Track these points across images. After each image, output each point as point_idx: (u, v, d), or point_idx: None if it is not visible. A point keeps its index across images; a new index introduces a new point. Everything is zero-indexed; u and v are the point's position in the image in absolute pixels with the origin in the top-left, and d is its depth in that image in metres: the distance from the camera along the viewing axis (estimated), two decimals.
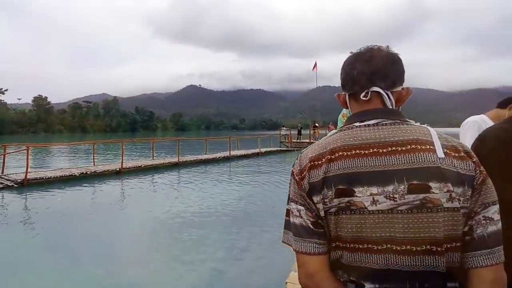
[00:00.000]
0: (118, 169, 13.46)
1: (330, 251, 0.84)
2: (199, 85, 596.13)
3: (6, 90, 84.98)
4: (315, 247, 0.83)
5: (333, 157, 0.81)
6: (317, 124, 30.96)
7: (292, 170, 0.89)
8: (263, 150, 23.89)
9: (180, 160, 16.63)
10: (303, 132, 31.71)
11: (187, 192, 10.32)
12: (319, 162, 0.82)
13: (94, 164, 14.56)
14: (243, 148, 25.89)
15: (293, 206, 0.87)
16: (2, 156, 12.30)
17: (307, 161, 0.85)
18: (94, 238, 6.10)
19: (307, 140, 29.48)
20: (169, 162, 16.08)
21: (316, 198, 0.82)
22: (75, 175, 12.02)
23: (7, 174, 11.45)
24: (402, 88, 0.87)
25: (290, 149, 27.80)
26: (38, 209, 8.24)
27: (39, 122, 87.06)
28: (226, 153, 20.48)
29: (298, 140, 30.24)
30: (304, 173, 0.84)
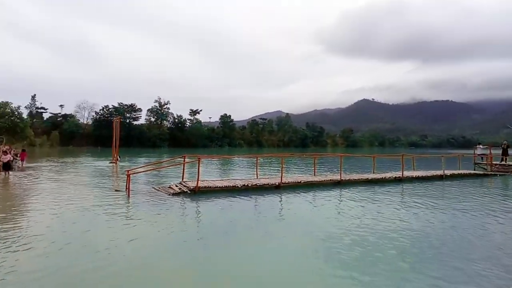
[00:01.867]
0: (277, 184, 13.74)
1: None
2: (372, 99, 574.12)
3: (200, 111, 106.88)
4: None
5: None
6: None
7: None
8: (448, 172, 19.79)
9: (342, 178, 15.63)
10: (510, 151, 24.69)
11: (347, 210, 10.05)
12: None
13: (257, 177, 15.42)
14: (421, 168, 22.36)
15: None
16: (182, 165, 14.57)
17: None
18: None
19: None
20: (330, 180, 15.36)
21: None
22: (237, 186, 12.94)
23: (185, 181, 13.38)
24: None
25: (489, 173, 22.05)
26: (203, 213, 9.38)
27: (224, 137, 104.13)
28: (398, 173, 18.03)
29: (503, 162, 23.67)
30: None
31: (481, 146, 26.40)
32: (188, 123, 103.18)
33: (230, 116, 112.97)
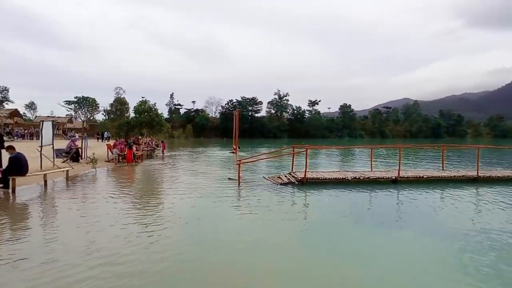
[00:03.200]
0: (394, 178, 12.28)
1: None
2: None
3: (319, 101, 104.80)
4: None
5: None
6: None
7: None
8: None
9: (480, 174, 12.92)
10: None
11: (482, 212, 8.36)
12: None
13: (371, 169, 14.13)
14: None
15: None
16: (292, 156, 14.37)
17: None
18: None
19: None
20: (463, 176, 12.88)
21: None
22: (347, 178, 12.09)
23: (295, 172, 13.19)
24: None
25: None
26: (311, 204, 9.08)
27: (344, 128, 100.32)
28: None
29: None
30: None
31: None
32: (307, 114, 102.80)
33: (350, 105, 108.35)
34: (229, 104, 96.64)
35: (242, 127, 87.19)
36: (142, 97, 47.83)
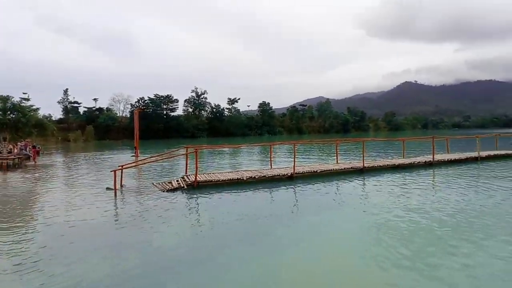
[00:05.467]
0: (290, 174, 12.44)
1: None
2: (415, 81, 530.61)
3: (239, 99, 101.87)
4: None
5: None
6: None
7: None
8: (484, 154, 17.07)
9: (366, 165, 13.98)
10: None
11: (369, 201, 8.86)
12: None
13: (271, 167, 14.18)
14: (456, 151, 19.66)
15: None
16: (195, 157, 12.23)
17: None
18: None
19: None
20: (351, 168, 13.80)
21: None
22: (243, 179, 11.64)
23: (189, 175, 11.87)
24: None
25: None
26: (192, 211, 8.31)
27: (263, 125, 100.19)
28: (429, 157, 15.85)
29: None
30: None
31: None
32: (227, 112, 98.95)
33: (269, 103, 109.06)
34: (140, 102, 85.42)
35: (157, 126, 77.14)
36: (24, 93, 35.75)
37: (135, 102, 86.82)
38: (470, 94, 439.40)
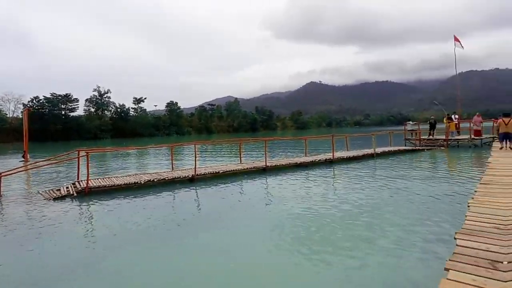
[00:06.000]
0: (191, 176, 11.90)
1: None
2: (320, 81, 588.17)
3: (145, 99, 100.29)
4: None
5: None
6: (455, 116, 24.01)
7: None
8: (380, 150, 19.35)
9: (268, 164, 14.19)
10: (438, 126, 25.17)
11: (273, 199, 9.18)
12: None
13: (172, 168, 13.44)
14: (356, 147, 21.84)
15: None
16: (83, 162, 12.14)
17: None
18: None
19: (443, 137, 23.04)
20: (254, 168, 13.82)
21: None
22: (140, 182, 10.88)
23: (81, 181, 11.05)
24: None
25: (418, 148, 22.13)
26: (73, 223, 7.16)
27: (171, 125, 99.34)
28: (329, 155, 17.08)
29: (431, 137, 24.00)
30: None
31: (410, 122, 26.79)
32: (132, 112, 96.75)
33: (176, 103, 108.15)
34: (35, 101, 79.49)
35: (55, 128, 74.45)
36: None
37: (28, 101, 79.69)
38: (369, 94, 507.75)
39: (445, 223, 6.30)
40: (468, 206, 5.77)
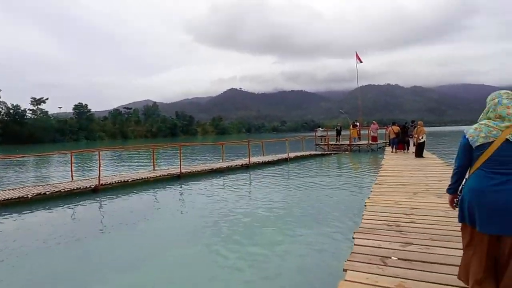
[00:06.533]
0: (95, 186, 10.67)
1: None
2: (240, 88, 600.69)
3: (47, 99, 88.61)
4: None
5: None
6: (357, 123, 26.59)
7: None
8: (293, 155, 20.25)
9: (183, 171, 13.60)
10: (343, 132, 27.49)
11: (188, 208, 8.78)
12: None
13: (72, 179, 11.90)
14: (272, 152, 22.50)
15: None
16: None
17: None
18: None
19: (347, 142, 25.23)
20: (168, 175, 13.11)
21: None
22: (27, 197, 9.18)
23: None
24: None
25: (327, 152, 23.81)
26: None
27: (80, 130, 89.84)
28: (245, 160, 17.20)
29: (337, 142, 26.10)
30: None
31: (320, 129, 28.81)
32: (30, 114, 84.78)
33: (86, 105, 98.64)
34: None
35: None
36: None
37: None
38: (285, 101, 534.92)
39: (350, 221, 6.69)
40: (365, 205, 6.23)
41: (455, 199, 2.64)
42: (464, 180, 2.53)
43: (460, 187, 2.57)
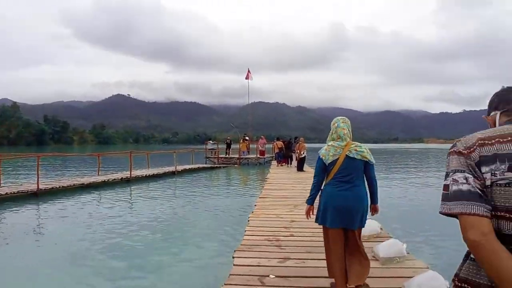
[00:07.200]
0: None
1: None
2: (128, 95, 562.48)
3: None
4: (485, 210, 0.97)
5: (503, 140, 1.02)
6: (247, 138, 27.58)
7: (454, 150, 1.09)
8: (181, 168, 19.53)
9: (41, 188, 11.30)
10: (233, 146, 28.07)
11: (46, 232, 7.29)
12: (491, 142, 1.03)
13: None
14: (159, 165, 21.28)
15: (458, 175, 1.03)
16: None
17: (476, 140, 1.05)
18: None
19: (236, 156, 25.80)
20: (20, 192, 10.79)
21: (485, 169, 1.00)
22: None
23: None
24: None
25: (217, 165, 23.82)
26: None
27: None
28: (126, 174, 15.73)
29: (227, 156, 26.43)
30: (474, 147, 1.04)
31: (211, 142, 28.80)
32: None
33: None
34: None
35: None
36: None
37: None
38: (178, 112, 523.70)
39: (235, 238, 6.35)
40: (248, 221, 6.16)
41: (311, 210, 3.26)
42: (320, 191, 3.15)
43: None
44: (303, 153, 15.46)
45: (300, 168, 15.42)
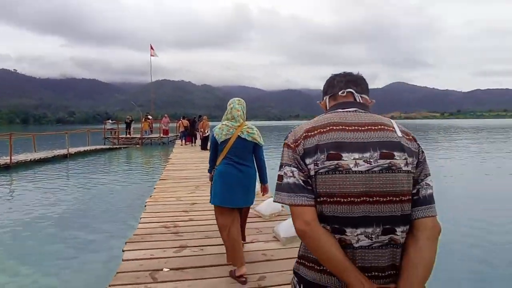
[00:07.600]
0: None
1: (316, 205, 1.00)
2: (15, 70, 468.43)
3: None
4: (307, 200, 1.00)
5: (324, 130, 1.03)
6: (149, 117, 25.60)
7: (286, 142, 1.09)
8: (74, 150, 17.02)
9: None
10: (135, 125, 25.77)
11: None
12: (313, 133, 1.03)
13: None
14: (49, 148, 18.15)
15: (287, 169, 1.04)
16: None
17: (303, 132, 1.05)
18: None
19: (138, 135, 23.76)
20: None
21: (308, 161, 1.01)
22: None
23: None
24: (368, 98, 1.17)
25: (116, 146, 21.52)
26: None
27: None
28: (6, 159, 12.94)
29: (128, 136, 24.10)
30: (299, 141, 1.04)
31: (110, 121, 25.93)
32: None
33: None
34: None
35: None
36: None
37: None
38: (75, 90, 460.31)
39: (126, 229, 5.55)
40: (145, 206, 5.42)
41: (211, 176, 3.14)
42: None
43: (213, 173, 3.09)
44: (207, 131, 14.92)
45: (204, 146, 14.89)
